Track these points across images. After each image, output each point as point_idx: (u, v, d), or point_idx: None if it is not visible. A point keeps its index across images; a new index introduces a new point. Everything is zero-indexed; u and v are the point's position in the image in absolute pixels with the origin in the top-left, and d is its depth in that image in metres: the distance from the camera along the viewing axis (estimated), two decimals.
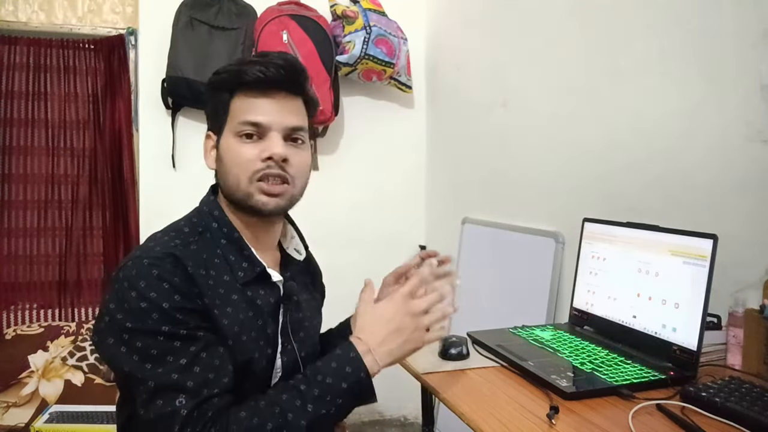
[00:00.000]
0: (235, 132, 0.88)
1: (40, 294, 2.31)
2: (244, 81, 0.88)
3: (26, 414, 2.00)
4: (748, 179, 1.14)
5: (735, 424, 0.78)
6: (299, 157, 0.91)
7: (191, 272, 0.81)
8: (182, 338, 0.77)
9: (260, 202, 0.87)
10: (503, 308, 1.93)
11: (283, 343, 0.91)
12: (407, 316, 0.83)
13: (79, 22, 2.29)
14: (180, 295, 0.78)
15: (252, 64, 0.88)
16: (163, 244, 0.84)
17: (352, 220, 2.56)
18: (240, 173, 0.87)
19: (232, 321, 0.83)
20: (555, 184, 1.75)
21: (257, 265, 0.89)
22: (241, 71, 0.88)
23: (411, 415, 2.62)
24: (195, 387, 0.75)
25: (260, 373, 0.88)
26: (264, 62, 0.87)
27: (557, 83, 1.73)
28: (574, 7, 1.65)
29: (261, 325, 0.88)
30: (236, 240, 0.89)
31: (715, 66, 1.21)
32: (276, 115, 0.88)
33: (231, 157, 0.88)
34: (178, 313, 0.77)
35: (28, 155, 2.29)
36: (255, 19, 2.27)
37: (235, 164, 0.87)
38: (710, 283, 0.95)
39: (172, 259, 0.80)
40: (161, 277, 0.78)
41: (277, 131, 0.88)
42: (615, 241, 1.18)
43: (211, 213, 0.91)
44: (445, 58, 2.51)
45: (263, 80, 0.87)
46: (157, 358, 0.75)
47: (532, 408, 0.86)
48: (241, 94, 0.89)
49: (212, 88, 0.92)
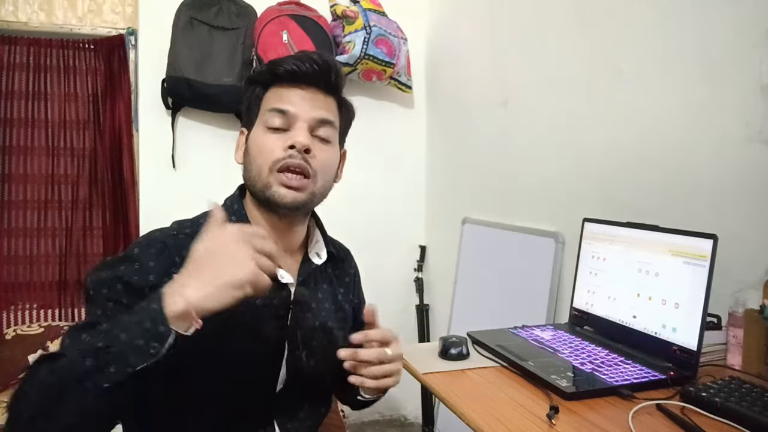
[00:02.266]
0: (264, 122, 0.88)
1: (40, 294, 2.31)
2: (277, 72, 0.88)
3: None
4: (748, 179, 1.14)
5: (735, 424, 0.78)
6: (324, 153, 0.88)
7: (177, 262, 0.77)
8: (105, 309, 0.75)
9: (278, 194, 0.84)
10: (503, 308, 1.93)
11: (290, 349, 0.89)
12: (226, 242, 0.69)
13: (79, 22, 2.29)
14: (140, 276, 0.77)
15: (288, 58, 0.88)
16: (166, 231, 0.86)
17: (352, 220, 2.56)
18: (262, 163, 0.85)
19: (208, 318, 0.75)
20: (555, 184, 1.75)
21: None
22: (276, 63, 0.88)
23: (411, 415, 2.62)
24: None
25: (258, 377, 0.86)
26: (300, 56, 0.88)
27: (557, 83, 1.73)
28: (575, 8, 1.65)
29: (250, 322, 0.85)
30: None
31: (715, 66, 1.21)
32: (304, 105, 0.87)
33: (256, 146, 0.87)
34: (119, 283, 0.76)
35: (28, 155, 2.29)
36: (255, 19, 2.27)
37: (259, 153, 0.86)
38: (710, 283, 0.95)
39: (160, 245, 0.81)
40: (138, 255, 0.79)
41: (303, 122, 0.86)
42: (615, 241, 1.18)
43: (232, 206, 0.91)
44: (445, 58, 2.51)
45: (296, 72, 0.87)
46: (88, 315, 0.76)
47: (532, 408, 0.86)
48: (274, 87, 0.89)
49: (248, 84, 0.93)
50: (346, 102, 0.96)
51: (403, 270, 2.65)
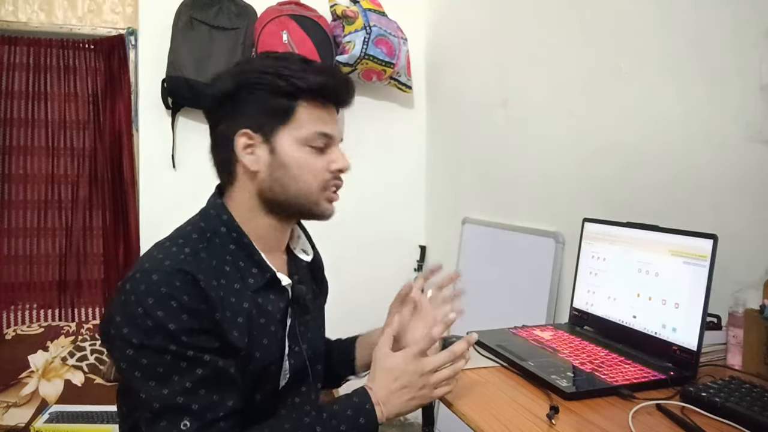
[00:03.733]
0: (305, 141, 0.88)
1: (40, 294, 2.31)
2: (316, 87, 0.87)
3: (26, 414, 1.99)
4: (748, 179, 1.14)
5: (735, 424, 0.77)
6: None
7: (203, 286, 0.78)
8: (188, 359, 0.76)
9: (325, 209, 0.92)
10: (503, 308, 1.92)
11: (290, 345, 0.91)
12: (416, 374, 0.84)
13: (79, 22, 2.29)
14: (188, 315, 0.76)
15: (324, 72, 0.89)
16: (172, 255, 0.81)
17: (352, 219, 2.55)
18: (312, 181, 0.89)
19: (242, 332, 0.82)
20: (555, 184, 1.75)
21: (267, 271, 0.89)
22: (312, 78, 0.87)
23: (411, 415, 2.62)
24: (200, 410, 0.75)
25: (275, 379, 0.89)
26: (329, 72, 0.90)
27: (557, 83, 1.73)
28: (575, 8, 1.65)
29: (273, 331, 0.88)
30: (246, 245, 0.88)
31: (715, 66, 1.21)
32: (337, 127, 0.92)
33: (300, 164, 0.88)
34: (184, 335, 0.75)
35: (28, 155, 2.29)
36: (255, 19, 2.27)
37: (307, 172, 0.88)
38: (710, 283, 0.95)
39: (182, 275, 0.78)
40: (170, 295, 0.76)
41: (337, 143, 0.93)
42: (615, 241, 1.18)
43: (220, 217, 0.89)
44: (445, 58, 2.51)
45: (331, 92, 0.89)
46: (163, 377, 0.75)
47: (532, 408, 0.86)
48: (306, 101, 0.87)
49: (268, 90, 0.86)
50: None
51: (403, 270, 2.65)
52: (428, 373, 0.84)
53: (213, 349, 0.79)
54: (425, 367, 0.84)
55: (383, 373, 0.85)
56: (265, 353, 0.86)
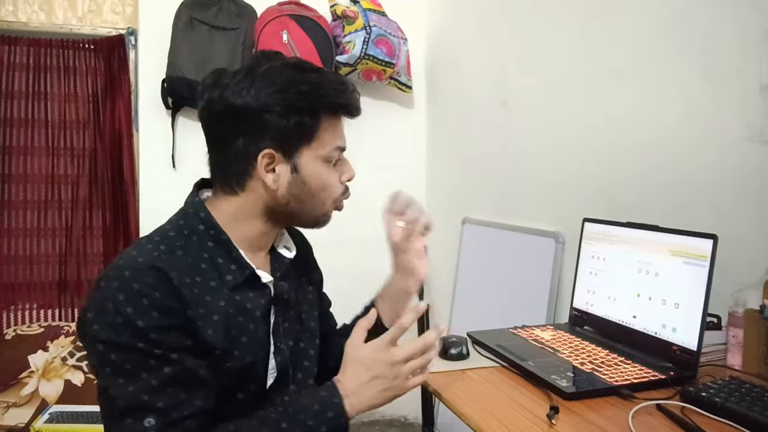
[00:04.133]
0: (325, 157, 0.88)
1: (40, 294, 2.31)
2: (337, 105, 0.88)
3: (26, 414, 1.99)
4: (748, 179, 1.14)
5: (735, 424, 0.78)
6: None
7: (176, 283, 0.78)
8: (156, 357, 0.75)
9: (330, 218, 0.95)
10: (503, 308, 1.93)
11: (275, 343, 0.90)
12: (387, 364, 0.81)
13: (79, 22, 2.29)
14: (158, 312, 0.76)
15: (341, 88, 0.88)
16: (146, 253, 0.81)
17: (352, 219, 2.55)
18: (327, 197, 0.90)
19: (217, 330, 0.81)
20: (555, 184, 1.75)
21: (246, 268, 0.87)
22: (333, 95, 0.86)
23: (411, 415, 2.62)
24: (165, 408, 0.74)
25: (257, 378, 0.87)
26: (346, 85, 0.89)
27: (557, 83, 1.73)
28: (574, 8, 1.65)
29: (253, 329, 0.86)
30: (224, 242, 0.87)
31: (716, 66, 1.21)
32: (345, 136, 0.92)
33: (320, 182, 0.89)
34: (152, 332, 0.75)
35: (28, 155, 2.29)
36: (255, 19, 2.27)
37: (324, 189, 0.89)
38: (710, 283, 0.95)
39: (154, 271, 0.77)
40: (141, 291, 0.76)
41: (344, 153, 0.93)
42: (615, 241, 1.18)
43: (198, 215, 0.88)
44: (445, 58, 2.51)
45: (349, 106, 0.89)
46: (130, 375, 0.74)
47: (532, 408, 0.86)
48: (327, 117, 0.87)
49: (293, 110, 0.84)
50: None
51: None
52: (400, 363, 0.82)
53: (183, 347, 0.78)
54: (396, 356, 0.82)
55: (354, 365, 0.83)
56: (245, 351, 0.84)
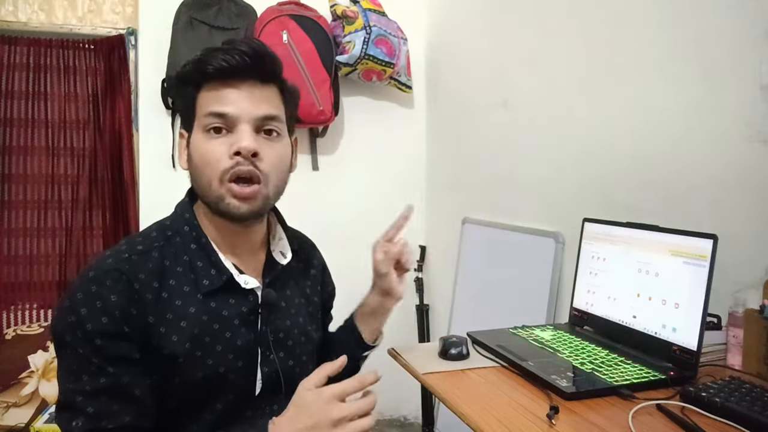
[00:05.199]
0: (203, 127, 0.82)
1: (40, 294, 2.31)
2: (207, 71, 0.81)
3: (26, 414, 1.99)
4: (747, 179, 1.14)
5: (735, 425, 0.78)
6: (273, 151, 0.84)
7: (137, 287, 0.77)
8: (95, 366, 0.75)
9: (232, 206, 0.81)
10: (503, 308, 1.93)
11: (263, 353, 0.87)
12: (327, 419, 0.73)
13: (79, 22, 2.29)
14: (109, 318, 0.75)
15: (216, 52, 0.81)
16: (118, 254, 0.80)
17: (352, 219, 2.56)
18: (211, 173, 0.81)
19: (183, 337, 0.79)
20: (555, 184, 1.75)
21: (224, 273, 0.84)
22: (203, 61, 0.81)
23: (411, 415, 2.62)
24: (94, 414, 0.74)
25: (236, 387, 0.85)
26: (227, 50, 0.81)
27: (557, 83, 1.73)
28: (574, 7, 1.65)
29: (229, 338, 0.83)
30: (204, 245, 0.85)
31: (715, 66, 1.21)
32: (244, 104, 0.81)
33: (200, 155, 0.82)
34: (98, 338, 0.74)
35: (28, 155, 2.29)
36: (255, 19, 2.27)
37: (205, 163, 0.81)
38: (710, 283, 0.95)
39: (117, 273, 0.77)
40: (99, 294, 0.75)
41: (246, 122, 0.81)
42: (615, 241, 1.18)
43: (183, 215, 0.87)
44: (445, 58, 2.51)
45: (228, 69, 0.80)
46: (74, 373, 0.75)
47: (532, 408, 0.86)
48: (206, 86, 0.83)
49: (180, 82, 0.85)
50: (288, 86, 0.89)
51: None
52: (340, 421, 0.73)
53: (126, 359, 0.76)
54: (338, 413, 0.73)
55: (297, 408, 0.76)
56: (217, 361, 0.81)
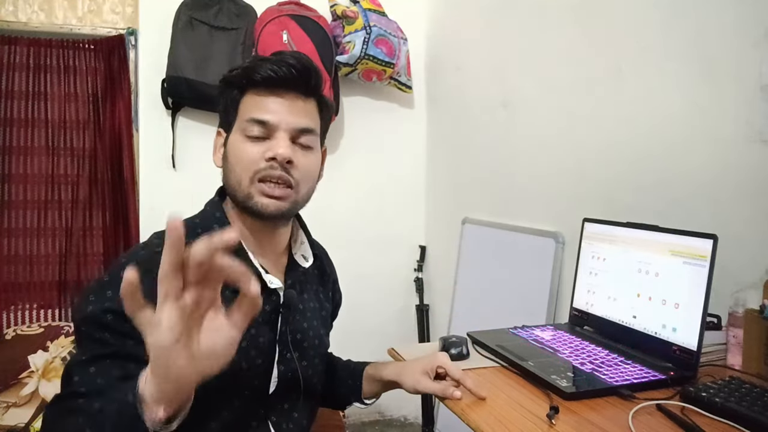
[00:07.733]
0: (243, 130, 0.86)
1: (40, 294, 2.31)
2: (254, 79, 0.86)
3: (26, 414, 1.99)
4: (748, 179, 1.14)
5: (735, 425, 0.77)
6: (306, 160, 0.88)
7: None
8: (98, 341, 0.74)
9: (260, 204, 0.85)
10: (503, 308, 1.93)
11: (281, 352, 0.89)
12: None
13: (79, 22, 2.28)
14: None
15: (264, 62, 0.86)
16: (150, 247, 0.82)
17: (352, 220, 2.56)
18: (242, 172, 0.85)
19: None
20: (555, 184, 1.75)
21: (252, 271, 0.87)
22: (252, 68, 0.86)
23: (411, 415, 2.62)
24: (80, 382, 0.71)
25: (253, 385, 0.86)
26: (276, 61, 0.86)
27: (557, 83, 1.73)
28: (574, 8, 1.65)
29: (253, 335, 0.85)
30: None
31: (715, 66, 1.21)
32: (285, 114, 0.86)
33: (235, 155, 0.86)
34: (109, 314, 0.73)
35: (28, 155, 2.29)
36: (255, 19, 2.27)
37: (238, 162, 0.85)
38: (710, 283, 0.95)
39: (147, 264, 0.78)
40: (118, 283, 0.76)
41: (284, 131, 0.86)
42: (615, 241, 1.18)
43: (213, 214, 0.90)
44: (445, 58, 2.51)
45: (274, 79, 0.85)
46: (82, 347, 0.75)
47: (532, 408, 0.86)
48: (251, 92, 0.87)
49: (224, 85, 0.90)
50: (326, 102, 0.94)
51: (403, 270, 2.65)
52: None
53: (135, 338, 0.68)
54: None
55: None
56: (241, 356, 0.82)
